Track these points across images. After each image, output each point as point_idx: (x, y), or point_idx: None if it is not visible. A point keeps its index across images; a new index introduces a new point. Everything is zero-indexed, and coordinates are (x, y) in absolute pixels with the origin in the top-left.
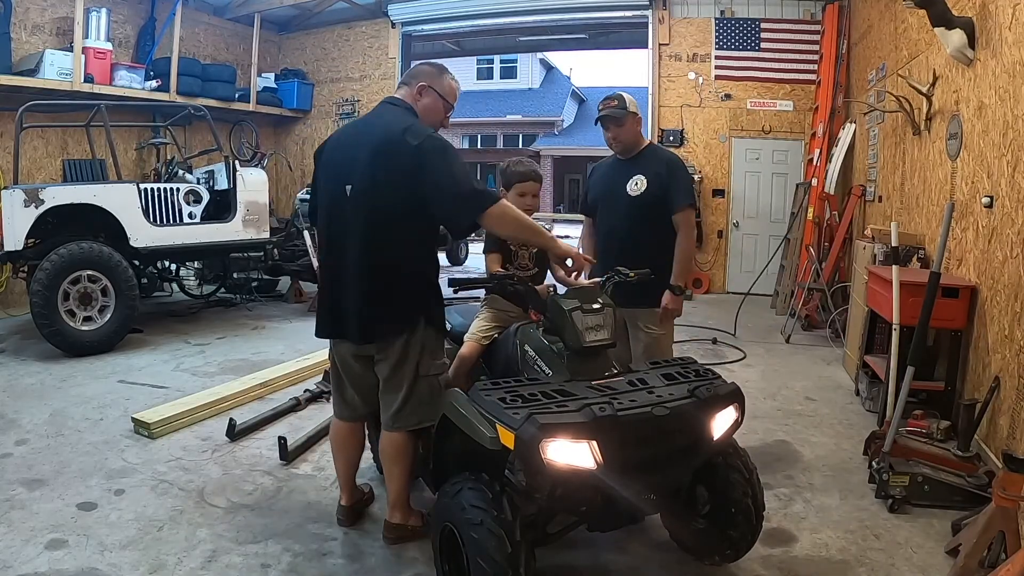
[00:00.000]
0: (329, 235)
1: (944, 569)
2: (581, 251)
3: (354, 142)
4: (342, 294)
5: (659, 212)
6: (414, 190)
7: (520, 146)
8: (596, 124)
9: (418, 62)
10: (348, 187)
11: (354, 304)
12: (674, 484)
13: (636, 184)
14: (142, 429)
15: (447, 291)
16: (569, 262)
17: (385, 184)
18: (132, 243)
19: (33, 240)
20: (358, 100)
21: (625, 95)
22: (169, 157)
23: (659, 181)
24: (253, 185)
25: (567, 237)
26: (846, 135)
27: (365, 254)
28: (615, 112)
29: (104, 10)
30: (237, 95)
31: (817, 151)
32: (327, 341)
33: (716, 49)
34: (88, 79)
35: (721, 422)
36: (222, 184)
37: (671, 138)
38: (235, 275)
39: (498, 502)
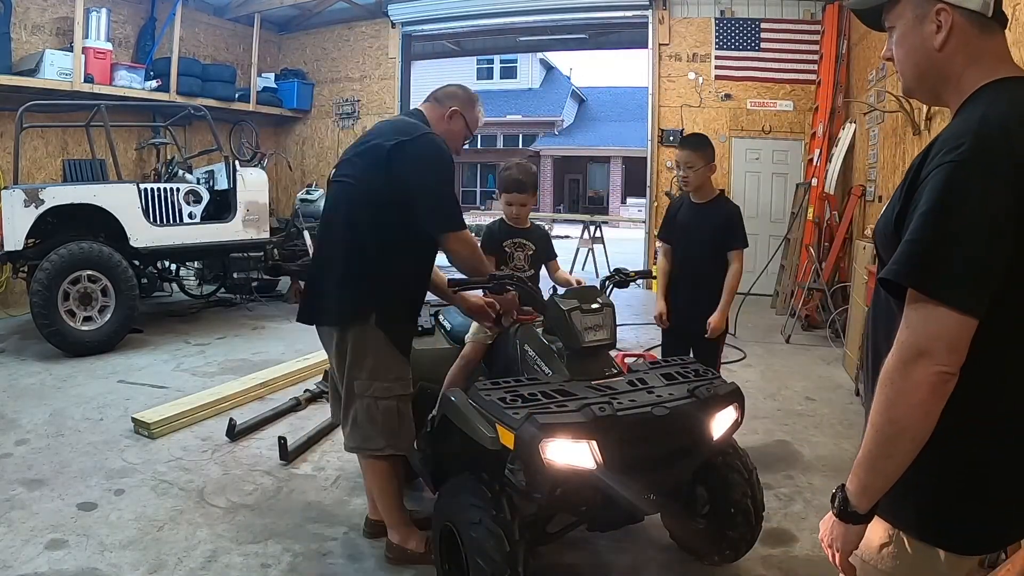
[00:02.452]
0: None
1: None
2: None
3: (362, 140)
4: (313, 276)
5: None
6: (390, 182)
7: (520, 146)
8: None
9: (452, 84)
10: (338, 175)
11: (319, 284)
12: (674, 484)
13: None
14: (142, 429)
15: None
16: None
17: (363, 172)
18: (132, 243)
19: (33, 240)
20: (358, 100)
21: None
22: (169, 157)
23: None
24: (253, 185)
25: (567, 237)
26: (846, 135)
27: (342, 238)
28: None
29: (104, 10)
30: (237, 95)
31: (817, 151)
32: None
33: (716, 49)
34: (88, 79)
35: (721, 422)
36: (222, 184)
37: (671, 138)
38: (235, 275)
39: (497, 501)
